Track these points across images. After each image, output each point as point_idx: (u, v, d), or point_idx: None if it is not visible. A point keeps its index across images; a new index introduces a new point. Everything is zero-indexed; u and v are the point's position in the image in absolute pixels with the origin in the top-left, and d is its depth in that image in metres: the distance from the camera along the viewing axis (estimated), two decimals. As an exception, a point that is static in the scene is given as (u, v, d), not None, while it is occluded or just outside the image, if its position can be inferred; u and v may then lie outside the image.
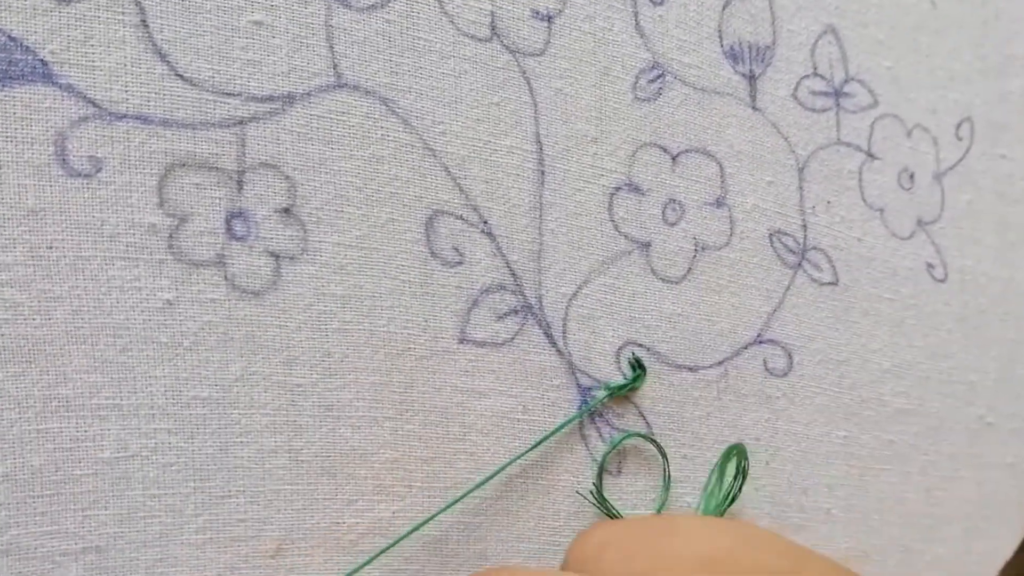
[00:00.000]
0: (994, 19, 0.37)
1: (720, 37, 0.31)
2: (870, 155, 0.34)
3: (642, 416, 0.30)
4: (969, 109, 0.36)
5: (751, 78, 0.31)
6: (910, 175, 0.35)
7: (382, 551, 0.26)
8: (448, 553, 0.27)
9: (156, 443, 0.24)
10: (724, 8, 0.31)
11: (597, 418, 0.29)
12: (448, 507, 0.27)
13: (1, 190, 0.23)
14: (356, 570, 0.26)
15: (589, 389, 0.29)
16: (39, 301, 0.23)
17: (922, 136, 0.35)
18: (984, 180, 0.36)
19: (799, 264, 0.32)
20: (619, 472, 0.30)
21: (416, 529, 0.26)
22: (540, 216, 0.28)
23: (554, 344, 0.29)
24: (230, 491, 0.25)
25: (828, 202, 0.33)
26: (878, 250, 0.34)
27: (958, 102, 0.36)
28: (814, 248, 0.32)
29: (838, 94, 0.33)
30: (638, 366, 0.30)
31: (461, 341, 0.27)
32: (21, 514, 0.23)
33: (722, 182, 0.31)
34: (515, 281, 0.28)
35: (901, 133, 0.34)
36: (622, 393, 0.29)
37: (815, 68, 0.32)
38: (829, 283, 0.33)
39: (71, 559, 0.24)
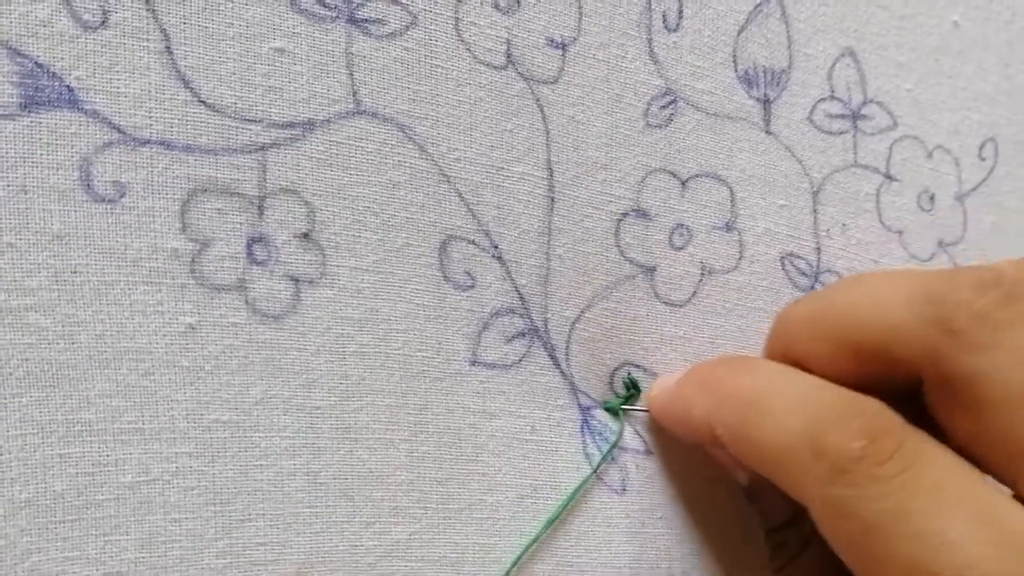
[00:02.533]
0: (1020, 39, 0.37)
1: (735, 62, 0.31)
2: (888, 177, 0.34)
3: (639, 435, 0.30)
4: (993, 129, 0.36)
5: (765, 102, 0.32)
6: (930, 197, 0.35)
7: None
8: (465, 574, 0.27)
9: (177, 467, 0.24)
10: (739, 33, 0.31)
11: (597, 437, 0.30)
12: (533, 542, 0.28)
13: (27, 215, 0.23)
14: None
15: (588, 408, 0.30)
16: (63, 326, 0.23)
17: (943, 157, 0.35)
18: (1010, 201, 0.37)
19: (812, 286, 0.33)
20: (623, 490, 0.30)
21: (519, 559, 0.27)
22: (548, 242, 0.29)
23: (558, 366, 0.29)
24: (250, 514, 0.25)
25: (844, 225, 0.33)
26: None
27: (982, 123, 0.36)
28: (828, 271, 0.33)
29: (855, 116, 0.34)
30: (632, 386, 0.30)
31: (473, 363, 0.28)
32: (43, 540, 0.23)
33: (732, 206, 0.31)
34: (523, 304, 0.28)
35: (922, 155, 0.35)
36: (615, 410, 0.30)
37: (832, 91, 0.33)
38: None
39: (92, 584, 0.24)
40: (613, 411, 0.30)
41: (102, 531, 0.24)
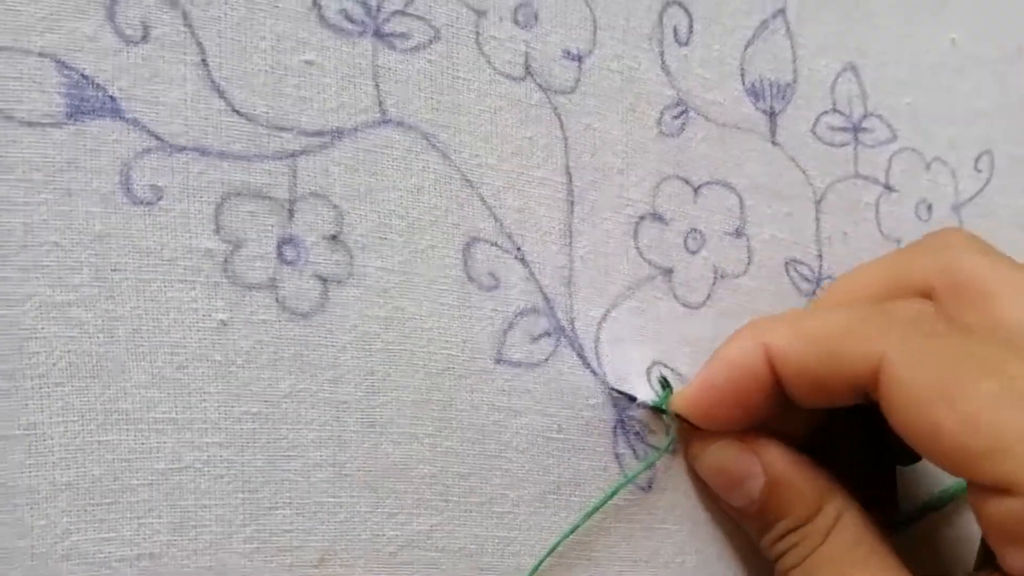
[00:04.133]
0: (1015, 56, 0.38)
1: (742, 75, 0.32)
2: (888, 187, 0.35)
3: (666, 433, 0.31)
4: (989, 143, 0.37)
5: (771, 114, 0.33)
6: (928, 206, 0.36)
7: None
8: (484, 566, 0.28)
9: (208, 456, 0.26)
10: (747, 48, 0.32)
11: (632, 436, 0.30)
12: (559, 542, 0.29)
13: (71, 216, 0.24)
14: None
15: (625, 408, 0.30)
16: (103, 320, 0.25)
17: (941, 169, 0.36)
18: (1003, 212, 0.38)
19: (814, 292, 0.33)
20: (649, 488, 0.31)
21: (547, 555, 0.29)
22: (570, 243, 0.30)
23: (588, 365, 0.30)
24: (277, 503, 0.26)
25: (844, 233, 0.34)
26: None
27: (978, 136, 0.37)
28: (829, 277, 0.34)
29: (856, 129, 0.34)
30: (666, 385, 0.31)
31: (498, 361, 0.29)
32: (81, 521, 0.24)
33: (741, 213, 0.32)
34: (548, 304, 0.29)
35: (920, 166, 0.36)
36: (661, 407, 0.30)
37: (834, 104, 0.34)
38: None
39: (126, 565, 0.25)
40: (660, 410, 0.30)
41: (136, 514, 0.25)
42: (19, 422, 0.24)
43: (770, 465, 0.29)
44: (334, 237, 0.27)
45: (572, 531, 0.29)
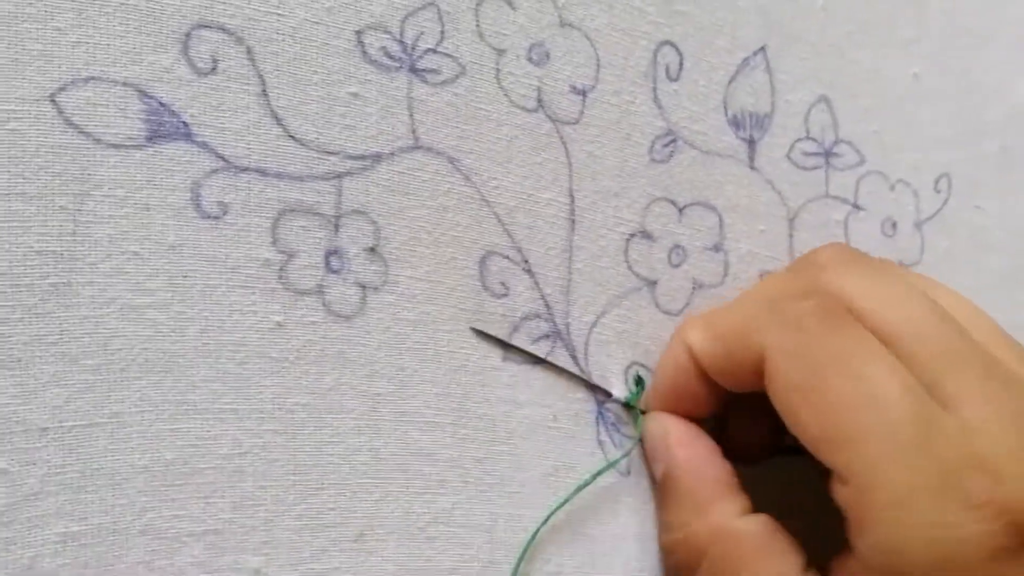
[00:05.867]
0: (972, 89, 0.43)
1: (725, 107, 0.37)
2: (856, 207, 0.40)
3: (634, 425, 0.35)
4: (947, 167, 0.42)
5: (750, 142, 0.37)
6: (892, 224, 0.40)
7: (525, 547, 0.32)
8: (497, 540, 0.32)
9: (264, 442, 0.29)
10: (730, 83, 0.37)
11: (610, 427, 0.35)
12: (549, 516, 0.33)
13: (149, 229, 0.27)
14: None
15: (603, 402, 0.34)
16: (175, 321, 0.28)
17: (904, 190, 0.41)
18: (960, 229, 0.42)
19: None
20: (628, 473, 0.35)
21: (543, 523, 0.32)
22: (570, 257, 0.34)
23: (578, 364, 0.34)
24: (323, 484, 0.30)
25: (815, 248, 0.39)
26: None
27: (938, 160, 0.42)
28: None
29: (828, 154, 0.39)
30: (639, 382, 0.35)
31: (504, 360, 0.33)
32: (156, 500, 0.28)
33: (720, 231, 0.37)
34: (548, 311, 0.33)
35: (885, 187, 0.40)
36: (630, 403, 0.35)
37: (808, 132, 0.38)
38: None
39: (195, 539, 0.28)
40: (629, 405, 0.35)
41: (203, 495, 0.28)
42: (103, 411, 0.27)
43: (672, 457, 0.33)
44: (372, 249, 0.30)
45: (560, 506, 0.33)
